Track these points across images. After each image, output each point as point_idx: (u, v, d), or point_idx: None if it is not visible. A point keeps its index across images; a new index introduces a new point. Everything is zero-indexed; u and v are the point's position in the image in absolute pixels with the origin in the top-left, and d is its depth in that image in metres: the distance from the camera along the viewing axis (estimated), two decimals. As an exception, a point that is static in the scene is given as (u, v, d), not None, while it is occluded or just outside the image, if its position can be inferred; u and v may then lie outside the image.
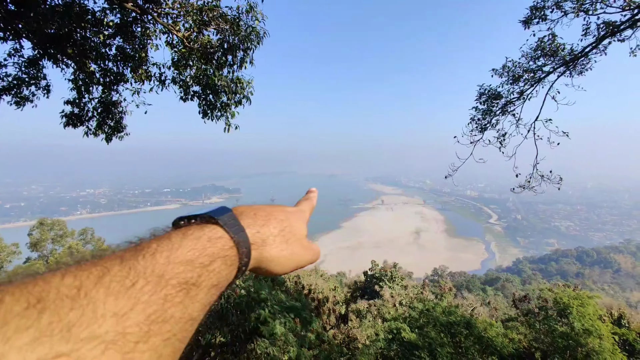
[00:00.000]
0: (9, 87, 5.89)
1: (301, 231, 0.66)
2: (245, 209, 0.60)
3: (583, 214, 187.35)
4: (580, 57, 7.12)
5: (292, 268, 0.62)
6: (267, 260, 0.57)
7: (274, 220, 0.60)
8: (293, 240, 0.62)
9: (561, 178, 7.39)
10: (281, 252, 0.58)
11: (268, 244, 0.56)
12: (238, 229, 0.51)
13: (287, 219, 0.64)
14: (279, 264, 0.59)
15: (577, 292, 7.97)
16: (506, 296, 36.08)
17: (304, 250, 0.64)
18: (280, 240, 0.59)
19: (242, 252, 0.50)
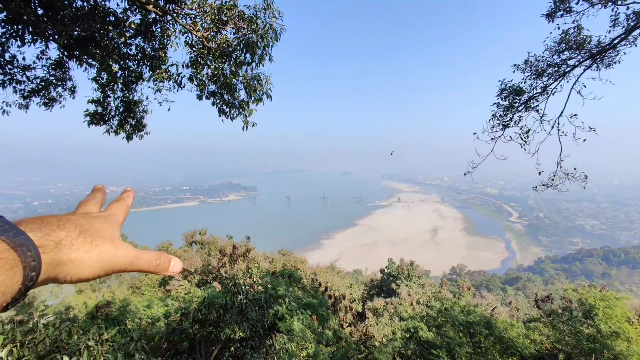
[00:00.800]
0: (37, 89, 6.14)
1: (109, 232, 0.62)
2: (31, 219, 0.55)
3: (609, 212, 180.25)
4: (608, 49, 6.83)
5: (105, 271, 0.57)
6: (69, 262, 0.52)
7: (69, 223, 0.56)
8: (100, 241, 0.58)
9: (586, 176, 7.12)
10: (85, 254, 0.54)
11: (65, 245, 0.52)
12: (15, 233, 0.47)
13: (90, 223, 0.60)
14: (86, 266, 0.54)
15: (604, 293, 7.71)
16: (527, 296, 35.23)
17: (117, 251, 0.59)
18: (81, 241, 0.55)
19: (26, 254, 0.46)
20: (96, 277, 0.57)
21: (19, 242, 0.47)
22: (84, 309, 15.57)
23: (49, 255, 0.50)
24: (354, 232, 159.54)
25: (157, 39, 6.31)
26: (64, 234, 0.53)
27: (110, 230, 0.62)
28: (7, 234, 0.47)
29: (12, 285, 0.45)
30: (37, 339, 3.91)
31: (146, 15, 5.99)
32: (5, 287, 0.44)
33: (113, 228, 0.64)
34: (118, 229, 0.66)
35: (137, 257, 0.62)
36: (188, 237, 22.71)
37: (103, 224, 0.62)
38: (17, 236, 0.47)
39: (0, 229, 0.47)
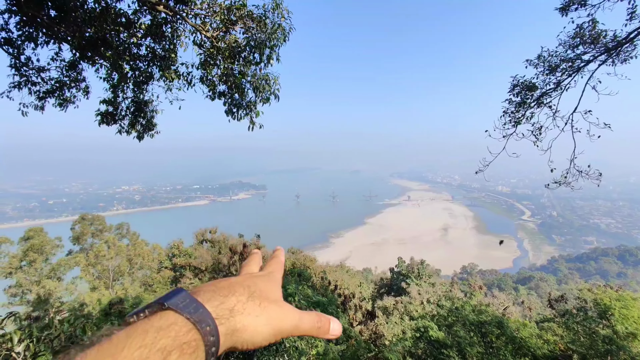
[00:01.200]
0: (52, 90, 6.28)
1: (273, 293, 0.60)
2: (203, 286, 0.55)
3: (625, 210, 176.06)
4: (625, 43, 6.65)
5: (275, 336, 0.55)
6: (242, 330, 0.50)
7: (239, 287, 0.55)
8: (267, 303, 0.55)
9: (600, 173, 6.97)
10: (257, 319, 0.52)
11: (238, 312, 0.51)
12: (195, 307, 0.47)
13: (255, 284, 0.58)
14: (258, 333, 0.52)
15: (620, 293, 7.54)
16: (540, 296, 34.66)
17: (284, 313, 0.57)
18: (251, 306, 0.53)
19: (206, 331, 0.45)
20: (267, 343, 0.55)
21: (199, 318, 0.46)
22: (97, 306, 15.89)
23: (224, 325, 0.48)
24: (364, 230, 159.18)
25: (167, 40, 6.38)
26: (235, 300, 0.52)
27: (273, 290, 0.61)
28: (189, 309, 0.46)
29: None
30: (52, 335, 4.00)
31: (156, 16, 6.06)
32: None
33: (276, 287, 0.63)
34: (279, 288, 0.65)
35: (301, 319, 0.60)
36: (199, 236, 22.96)
37: (266, 283, 0.62)
38: (197, 311, 0.46)
39: (183, 305, 0.46)
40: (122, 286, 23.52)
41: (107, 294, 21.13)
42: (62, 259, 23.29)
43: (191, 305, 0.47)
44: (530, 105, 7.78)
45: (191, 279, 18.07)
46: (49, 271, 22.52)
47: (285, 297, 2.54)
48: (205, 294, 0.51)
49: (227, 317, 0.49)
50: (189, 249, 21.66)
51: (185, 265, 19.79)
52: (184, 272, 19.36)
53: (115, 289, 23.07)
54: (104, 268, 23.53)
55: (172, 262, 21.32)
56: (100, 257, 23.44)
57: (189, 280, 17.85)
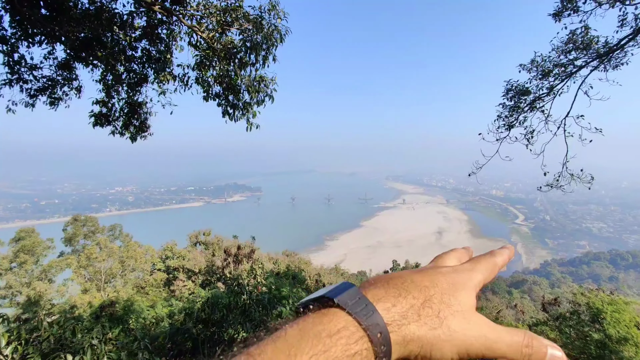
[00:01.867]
0: (44, 88, 6.22)
1: (460, 300, 0.46)
2: (372, 280, 0.48)
3: (617, 215, 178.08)
4: (616, 50, 6.76)
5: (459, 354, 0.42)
6: (415, 342, 0.41)
7: (413, 286, 0.45)
8: (448, 312, 0.44)
9: (592, 177, 7.06)
10: (433, 331, 0.42)
11: (410, 320, 0.42)
12: (366, 309, 0.40)
13: (436, 285, 0.46)
14: (435, 348, 0.42)
15: (612, 297, 7.60)
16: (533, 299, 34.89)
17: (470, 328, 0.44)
18: (427, 314, 0.43)
19: (377, 339, 0.38)
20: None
21: (371, 322, 0.39)
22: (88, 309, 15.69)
23: (396, 333, 0.40)
24: (359, 233, 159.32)
25: (163, 41, 6.36)
26: (409, 305, 0.43)
27: (462, 295, 0.47)
28: (360, 310, 0.40)
29: None
30: (41, 337, 3.95)
31: (152, 17, 6.04)
32: None
33: (465, 292, 0.48)
34: (473, 293, 0.48)
35: (497, 340, 0.44)
36: (192, 238, 22.81)
37: (453, 284, 0.47)
38: (368, 313, 0.40)
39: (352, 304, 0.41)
40: (114, 288, 23.23)
41: (99, 296, 20.86)
42: (54, 261, 23.00)
43: (361, 305, 0.41)
44: (523, 110, 7.87)
45: (184, 282, 17.93)
46: (40, 273, 22.21)
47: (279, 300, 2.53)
48: (376, 290, 0.44)
49: (400, 324, 0.41)
50: (183, 251, 21.50)
51: (179, 268, 19.63)
52: (177, 275, 19.21)
53: (107, 291, 22.79)
54: (96, 270, 23.25)
55: (165, 264, 21.12)
56: (92, 259, 23.17)
57: (182, 283, 17.72)
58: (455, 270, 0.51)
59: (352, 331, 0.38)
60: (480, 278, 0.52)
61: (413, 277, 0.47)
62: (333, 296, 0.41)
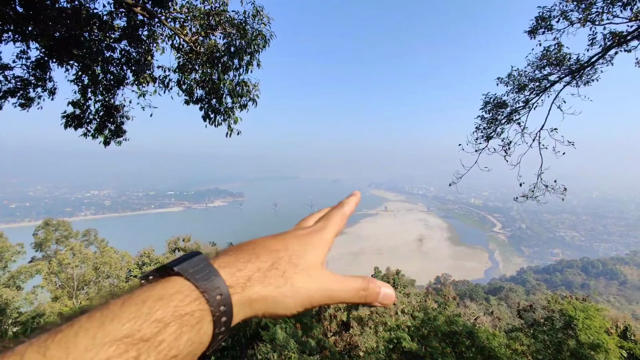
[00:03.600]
0: (15, 89, 5.96)
1: (307, 258, 0.52)
2: (229, 248, 0.50)
3: (588, 224, 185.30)
4: (587, 66, 7.09)
5: (303, 307, 0.49)
6: (260, 301, 0.45)
7: (264, 251, 0.49)
8: (293, 272, 0.49)
9: (565, 188, 7.34)
10: (277, 290, 0.46)
11: (256, 281, 0.45)
12: (208, 274, 0.42)
13: (287, 248, 0.51)
14: (279, 304, 0.47)
15: (585, 304, 7.87)
16: (510, 306, 35.68)
17: (314, 283, 0.50)
18: (273, 275, 0.47)
19: (216, 300, 0.40)
20: (294, 314, 0.49)
21: (209, 287, 0.41)
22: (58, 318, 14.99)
23: (239, 295, 0.43)
24: (341, 240, 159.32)
25: (143, 43, 6.24)
26: (255, 267, 0.46)
27: (310, 254, 0.52)
28: (200, 275, 0.41)
29: (200, 339, 0.39)
30: (4, 349, 3.73)
31: (133, 18, 5.93)
32: (192, 347, 0.38)
33: (314, 251, 0.54)
34: (322, 252, 0.55)
35: (338, 289, 0.51)
36: (171, 244, 22.23)
37: (302, 245, 0.53)
38: (208, 278, 0.41)
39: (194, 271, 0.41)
40: (87, 295, 22.35)
41: (70, 304, 20.00)
42: (23, 266, 21.93)
43: (204, 272, 0.42)
44: (500, 122, 8.13)
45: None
46: (8, 279, 21.09)
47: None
48: (225, 258, 0.46)
49: (243, 286, 0.44)
50: (161, 257, 20.91)
51: (156, 274, 19.07)
52: (154, 281, 18.64)
53: (79, 299, 21.89)
54: (68, 276, 22.32)
55: (142, 271, 20.50)
56: (64, 264, 22.24)
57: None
58: (309, 232, 0.57)
59: (186, 294, 0.39)
60: (332, 234, 0.59)
61: (266, 242, 0.52)
62: (173, 265, 0.42)
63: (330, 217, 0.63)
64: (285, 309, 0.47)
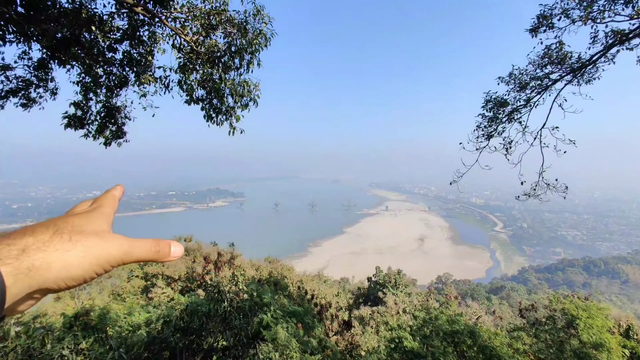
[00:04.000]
0: (16, 89, 5.97)
1: (92, 226, 0.54)
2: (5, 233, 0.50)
3: (590, 223, 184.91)
4: (588, 65, 7.07)
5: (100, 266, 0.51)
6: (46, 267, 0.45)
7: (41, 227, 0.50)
8: (80, 236, 0.51)
9: (567, 187, 7.31)
10: (67, 254, 0.47)
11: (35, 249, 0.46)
12: None
13: (66, 221, 0.53)
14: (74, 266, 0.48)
15: (587, 303, 7.85)
16: (511, 305, 35.61)
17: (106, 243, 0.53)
18: (58, 241, 0.48)
19: None
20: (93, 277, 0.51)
21: None
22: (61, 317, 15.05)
23: (12, 265, 0.43)
24: (342, 239, 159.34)
25: (144, 43, 6.24)
26: (32, 239, 0.47)
27: (93, 223, 0.55)
28: None
29: None
30: (7, 348, 3.76)
31: (134, 18, 5.93)
32: None
33: (98, 220, 0.57)
34: (105, 221, 0.59)
35: (132, 246, 0.56)
36: (173, 244, 22.23)
37: (84, 219, 0.56)
38: None
39: None
40: (89, 296, 22.38)
41: (73, 304, 20.04)
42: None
43: None
44: (501, 121, 8.10)
45: (163, 288, 17.46)
46: (9, 280, 21.17)
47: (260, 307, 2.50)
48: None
49: (16, 256, 0.44)
50: (162, 257, 20.91)
51: (158, 274, 19.10)
52: (156, 282, 18.69)
53: (82, 299, 21.94)
54: (70, 277, 22.35)
55: (144, 271, 20.53)
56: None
57: (161, 290, 17.24)
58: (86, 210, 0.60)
59: None
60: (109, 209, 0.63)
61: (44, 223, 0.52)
62: None
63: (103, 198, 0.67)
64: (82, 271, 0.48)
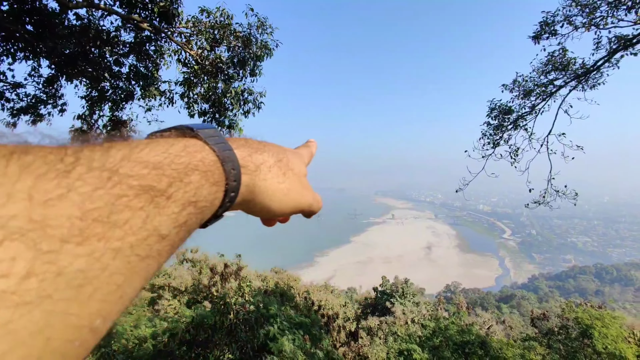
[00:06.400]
0: (27, 107, 6.10)
1: (301, 168, 0.58)
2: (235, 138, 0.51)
3: (600, 229, 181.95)
4: (592, 70, 7.04)
5: (291, 207, 0.53)
6: (262, 191, 0.48)
7: (269, 149, 0.52)
8: (291, 174, 0.54)
9: (576, 193, 7.23)
10: (278, 185, 0.50)
11: (262, 171, 0.48)
12: (224, 146, 0.42)
13: (285, 153, 0.56)
14: (276, 199, 0.50)
15: (600, 311, 7.67)
16: (522, 314, 34.94)
17: (304, 189, 0.56)
18: (276, 171, 0.50)
19: (230, 171, 0.41)
20: (282, 214, 0.53)
21: (226, 157, 0.41)
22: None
23: (248, 176, 0.45)
24: (349, 249, 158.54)
25: (150, 58, 6.36)
26: (264, 159, 0.49)
27: (301, 166, 0.59)
28: (219, 144, 0.42)
29: (213, 201, 0.39)
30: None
31: (140, 34, 6.06)
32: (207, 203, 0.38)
33: (302, 164, 0.61)
34: (304, 167, 0.62)
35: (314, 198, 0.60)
36: (179, 255, 22.24)
37: (295, 157, 0.59)
38: (225, 149, 0.42)
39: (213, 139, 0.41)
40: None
41: (80, 317, 20.05)
42: None
43: (221, 143, 0.42)
44: (507, 128, 8.07)
45: (169, 300, 17.42)
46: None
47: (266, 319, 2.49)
48: (237, 141, 0.48)
49: (252, 170, 0.46)
50: (169, 269, 20.96)
51: (164, 286, 19.10)
52: (162, 293, 18.67)
53: (89, 312, 21.97)
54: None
55: (151, 283, 20.56)
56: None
57: (167, 302, 17.20)
58: (297, 151, 0.64)
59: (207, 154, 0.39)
60: (307, 160, 0.67)
61: (267, 145, 0.54)
62: (193, 127, 0.42)
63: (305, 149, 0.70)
64: (279, 206, 0.51)
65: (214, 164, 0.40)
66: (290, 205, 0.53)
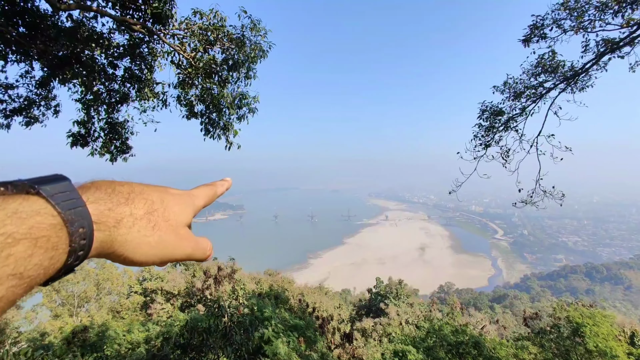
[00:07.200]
0: (20, 108, 6.03)
1: (179, 217, 0.55)
2: (103, 183, 0.48)
3: (590, 228, 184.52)
4: (581, 73, 7.17)
5: (160, 259, 0.51)
6: (122, 244, 0.46)
7: (140, 199, 0.49)
8: (164, 226, 0.51)
9: (563, 194, 7.34)
10: (144, 238, 0.48)
11: (125, 225, 0.46)
12: (74, 203, 0.40)
13: (163, 201, 0.53)
14: (141, 252, 0.48)
15: (592, 310, 7.79)
16: (515, 314, 35.26)
17: (180, 241, 0.53)
18: (144, 224, 0.48)
19: (77, 232, 0.39)
20: (148, 265, 0.51)
21: (74, 218, 0.39)
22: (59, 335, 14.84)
23: (103, 233, 0.43)
24: (343, 250, 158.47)
25: (144, 60, 6.33)
26: (128, 211, 0.47)
27: (181, 213, 0.55)
28: (66, 203, 0.39)
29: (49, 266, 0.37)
30: (5, 370, 3.69)
31: (133, 36, 6.03)
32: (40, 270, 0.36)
33: (185, 211, 0.57)
34: (191, 213, 0.59)
35: (195, 248, 0.57)
36: (172, 259, 22.06)
37: (177, 204, 0.56)
38: (74, 207, 0.39)
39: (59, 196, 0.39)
40: (88, 313, 22.09)
41: (71, 321, 19.76)
42: (22, 285, 21.67)
43: (70, 199, 0.40)
44: (498, 130, 8.17)
45: (162, 304, 17.26)
46: (7, 298, 20.85)
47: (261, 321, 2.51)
48: (98, 192, 0.45)
49: (110, 226, 0.44)
50: (161, 272, 20.77)
51: (157, 290, 18.92)
52: (155, 297, 18.49)
53: (80, 316, 21.64)
54: (69, 294, 22.10)
55: (143, 287, 20.32)
56: (65, 281, 22.05)
57: (160, 306, 17.04)
58: (184, 194, 0.60)
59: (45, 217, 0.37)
60: (202, 203, 0.64)
61: (143, 189, 0.52)
62: (35, 184, 0.39)
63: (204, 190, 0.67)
64: (144, 259, 0.49)
65: (52, 228, 0.37)
66: (159, 257, 0.51)
